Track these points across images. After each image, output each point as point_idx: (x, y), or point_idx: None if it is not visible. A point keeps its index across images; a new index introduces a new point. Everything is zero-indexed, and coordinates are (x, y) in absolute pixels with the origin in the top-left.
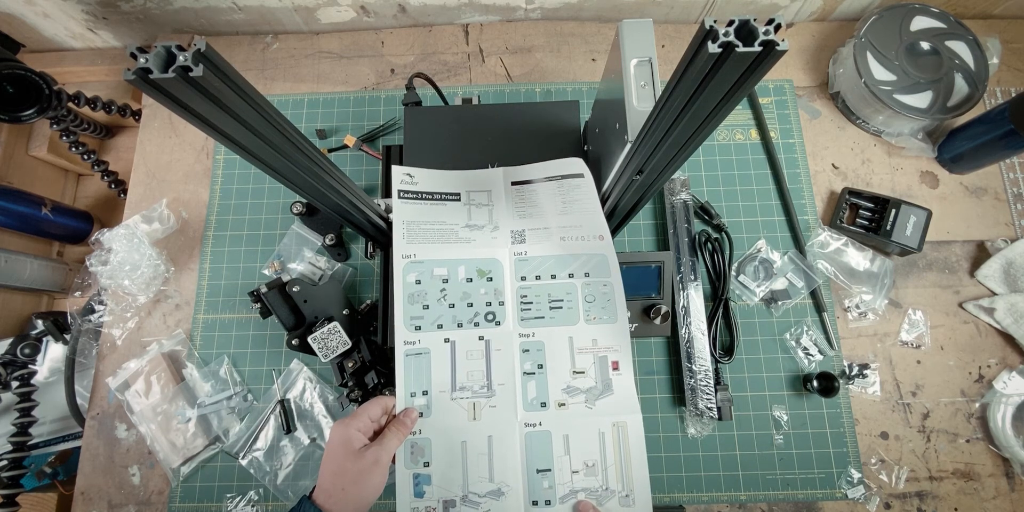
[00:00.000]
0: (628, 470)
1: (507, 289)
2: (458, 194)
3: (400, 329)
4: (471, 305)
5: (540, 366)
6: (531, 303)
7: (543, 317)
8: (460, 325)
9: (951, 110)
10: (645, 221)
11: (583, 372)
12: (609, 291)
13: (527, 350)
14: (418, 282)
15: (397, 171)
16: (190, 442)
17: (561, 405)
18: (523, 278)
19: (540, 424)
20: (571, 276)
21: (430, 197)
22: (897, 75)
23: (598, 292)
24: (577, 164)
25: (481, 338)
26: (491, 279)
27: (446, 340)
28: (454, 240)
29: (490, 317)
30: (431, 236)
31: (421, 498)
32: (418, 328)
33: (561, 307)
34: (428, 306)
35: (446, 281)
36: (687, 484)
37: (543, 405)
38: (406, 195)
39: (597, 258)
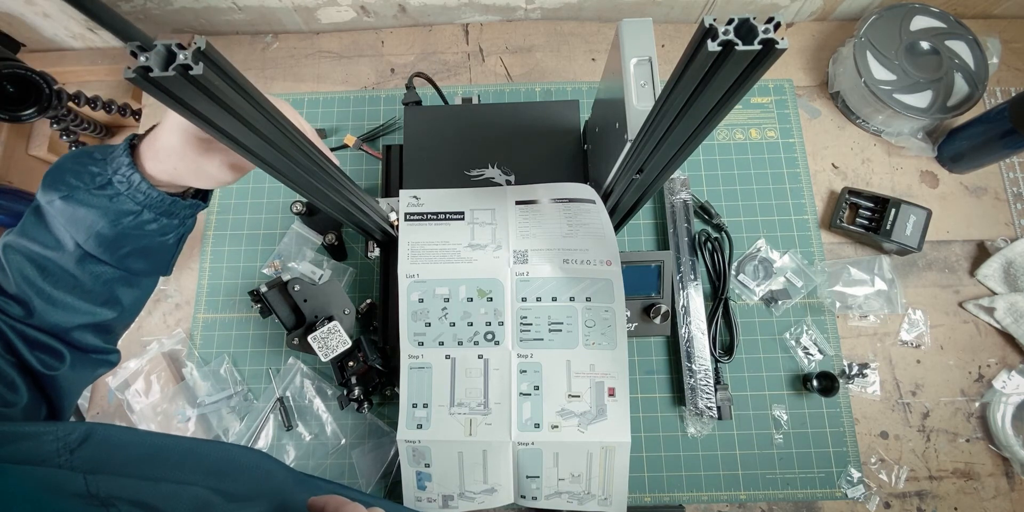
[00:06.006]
0: (610, 483)
1: (507, 310)
2: (462, 213)
3: (404, 344)
4: (471, 324)
5: (536, 387)
6: (531, 325)
7: (542, 339)
8: (460, 343)
9: (951, 110)
10: (645, 220)
11: (578, 396)
12: (610, 317)
13: (524, 371)
14: (420, 301)
15: (404, 195)
16: None
17: (554, 427)
18: (524, 299)
19: (532, 444)
20: (572, 299)
21: (435, 217)
22: (897, 75)
23: (599, 318)
24: (587, 191)
25: (480, 357)
26: (491, 299)
27: (447, 356)
28: (456, 259)
29: (489, 337)
30: (434, 256)
31: (424, 490)
32: (421, 344)
33: (560, 330)
34: (430, 323)
35: (447, 300)
36: (687, 483)
37: (537, 426)
38: (412, 217)
39: (601, 283)
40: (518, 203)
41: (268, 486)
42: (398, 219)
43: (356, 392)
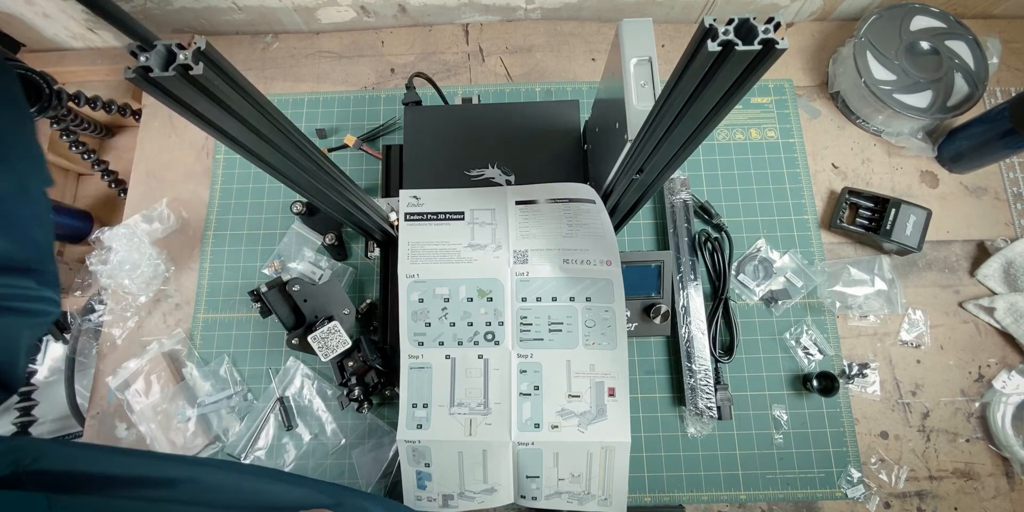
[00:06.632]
0: (610, 483)
1: (507, 310)
2: (462, 213)
3: (404, 344)
4: (471, 324)
5: (536, 387)
6: (531, 325)
7: (542, 339)
8: (460, 343)
9: (951, 110)
10: (645, 220)
11: (578, 396)
12: (610, 317)
13: (524, 371)
14: (420, 301)
15: (404, 195)
16: (190, 441)
17: (554, 427)
18: (524, 299)
19: (532, 444)
20: (572, 299)
21: (435, 217)
22: (897, 75)
23: (599, 318)
24: (587, 191)
25: (480, 357)
26: (491, 299)
27: (447, 356)
28: (456, 259)
29: (489, 337)
30: (434, 256)
31: (424, 490)
32: (421, 344)
33: (560, 330)
34: (430, 323)
35: (447, 300)
36: (687, 483)
37: (537, 426)
38: (412, 217)
39: (601, 283)
40: (518, 203)
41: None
42: (398, 219)
43: (356, 392)
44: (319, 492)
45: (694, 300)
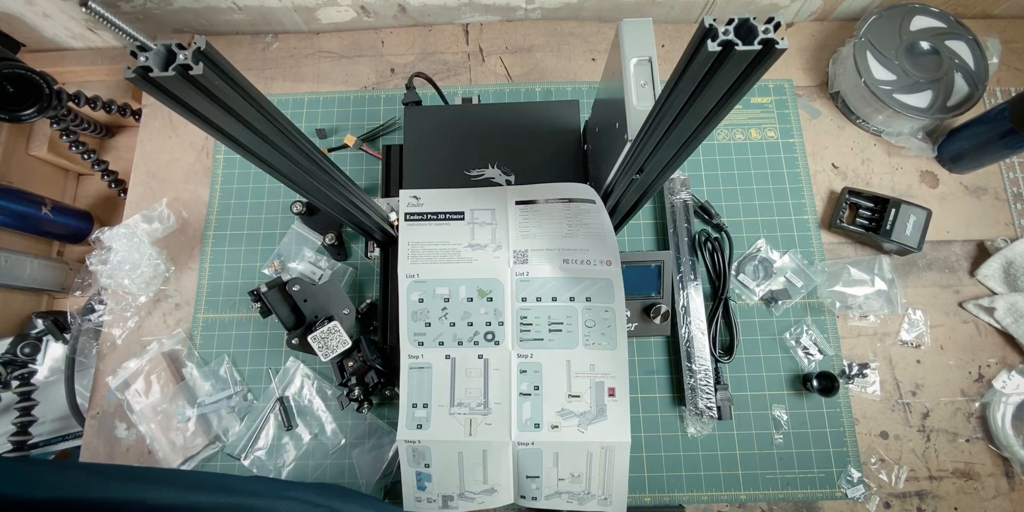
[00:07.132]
0: (610, 482)
1: (507, 310)
2: (462, 213)
3: (404, 344)
4: (471, 324)
5: (536, 387)
6: (531, 325)
7: (542, 339)
8: (460, 343)
9: (951, 110)
10: (645, 221)
11: (578, 396)
12: (610, 317)
13: (524, 371)
14: (420, 301)
15: (404, 195)
16: (190, 441)
17: (554, 427)
18: (524, 299)
19: (532, 444)
20: (572, 299)
21: (435, 217)
22: (897, 75)
23: (599, 318)
24: (587, 191)
25: (480, 357)
26: (491, 299)
27: (447, 356)
28: (456, 259)
29: (489, 337)
30: (434, 256)
31: (424, 491)
32: (421, 344)
33: (560, 330)
34: (430, 323)
35: (447, 300)
36: (687, 483)
37: (537, 426)
38: (412, 217)
39: (601, 283)
40: (518, 203)
41: None
42: (398, 219)
43: (356, 392)
44: (314, 505)
45: (694, 300)
